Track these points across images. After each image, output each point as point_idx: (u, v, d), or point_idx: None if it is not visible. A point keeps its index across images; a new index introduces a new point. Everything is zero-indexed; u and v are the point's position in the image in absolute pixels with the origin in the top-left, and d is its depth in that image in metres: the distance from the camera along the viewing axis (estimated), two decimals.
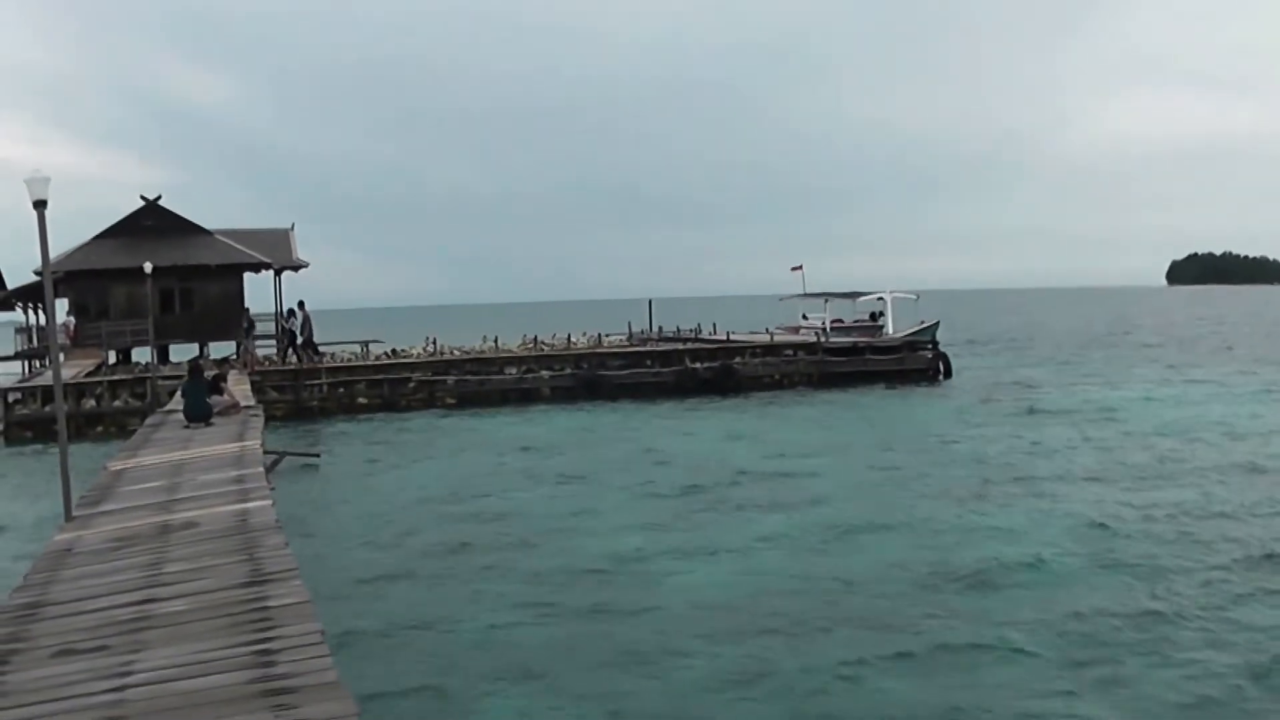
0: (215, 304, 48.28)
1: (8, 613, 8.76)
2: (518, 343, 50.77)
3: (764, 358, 47.42)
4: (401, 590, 16.46)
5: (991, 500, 21.74)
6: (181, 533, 11.48)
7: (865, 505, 21.67)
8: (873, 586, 15.80)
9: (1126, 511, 20.25)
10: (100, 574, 9.87)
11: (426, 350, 48.25)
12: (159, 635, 7.71)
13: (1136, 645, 12.92)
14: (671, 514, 21.49)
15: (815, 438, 31.58)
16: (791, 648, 13.19)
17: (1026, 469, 25.26)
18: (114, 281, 46.54)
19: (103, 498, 14.46)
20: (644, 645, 13.54)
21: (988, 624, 13.85)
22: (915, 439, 30.77)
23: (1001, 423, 34.06)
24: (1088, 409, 37.00)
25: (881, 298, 53.85)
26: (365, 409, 41.25)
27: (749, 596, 15.48)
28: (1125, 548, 17.58)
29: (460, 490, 24.88)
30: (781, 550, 18.22)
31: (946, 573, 16.28)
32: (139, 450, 19.61)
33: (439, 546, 19.26)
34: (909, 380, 47.30)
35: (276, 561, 9.65)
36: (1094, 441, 29.60)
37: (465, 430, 36.08)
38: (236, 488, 14.26)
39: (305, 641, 7.18)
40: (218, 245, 49.39)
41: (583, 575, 16.95)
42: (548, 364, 45.28)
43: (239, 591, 8.70)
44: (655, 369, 45.69)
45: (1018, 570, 16.30)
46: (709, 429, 34.35)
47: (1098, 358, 62.25)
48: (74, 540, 11.64)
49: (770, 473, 25.82)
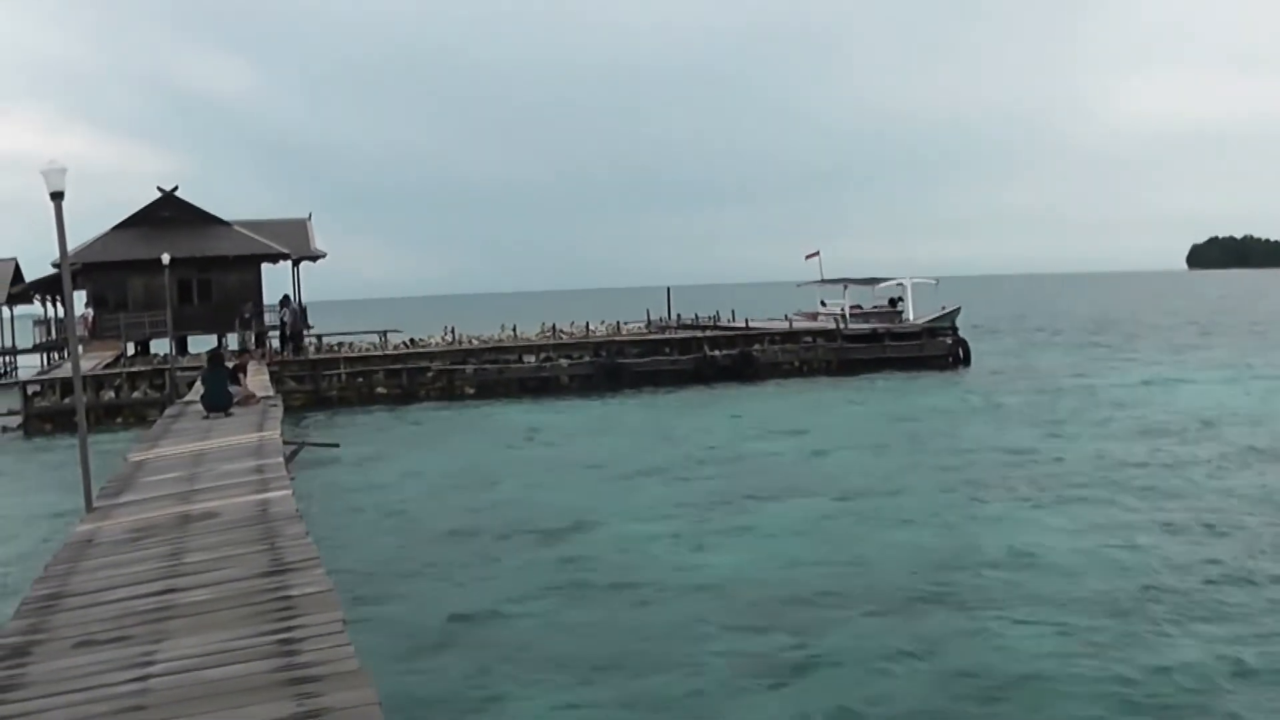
0: (233, 294, 48.37)
1: (30, 604, 8.74)
2: (536, 331, 50.78)
3: (783, 345, 47.30)
4: (423, 578, 16.42)
5: (1011, 491, 21.51)
6: (202, 523, 11.46)
7: (887, 494, 21.55)
8: (891, 576, 15.68)
9: (1143, 501, 20.09)
10: (121, 564, 9.86)
11: (445, 340, 48.34)
12: (181, 625, 7.67)
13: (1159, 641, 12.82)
14: (693, 502, 21.40)
15: (835, 425, 31.45)
16: (813, 636, 13.09)
17: (1046, 459, 24.96)
18: (132, 273, 46.69)
19: (123, 489, 14.45)
20: (665, 633, 13.49)
21: (1004, 613, 13.75)
22: (935, 427, 30.65)
23: (1021, 410, 33.86)
24: (1110, 395, 36.82)
25: (901, 283, 53.60)
26: (384, 399, 41.30)
27: (773, 585, 15.38)
28: (1141, 535, 17.47)
29: (480, 479, 24.85)
30: (801, 539, 18.12)
31: (963, 563, 16.16)
32: (159, 441, 19.61)
33: (460, 535, 19.23)
34: (929, 367, 47.11)
35: (297, 551, 9.62)
36: (1111, 429, 29.38)
37: (484, 419, 36.09)
38: (256, 477, 14.24)
39: (327, 630, 7.14)
40: (235, 236, 49.49)
41: (604, 564, 16.90)
42: (566, 352, 45.28)
43: (260, 581, 8.66)
44: (674, 357, 45.69)
45: (1033, 560, 16.14)
46: (729, 417, 34.23)
47: (1117, 342, 61.94)
48: (94, 531, 11.63)
49: (790, 461, 25.78)
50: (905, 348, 48.17)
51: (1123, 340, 63.89)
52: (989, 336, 65.32)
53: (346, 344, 48.29)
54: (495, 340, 48.06)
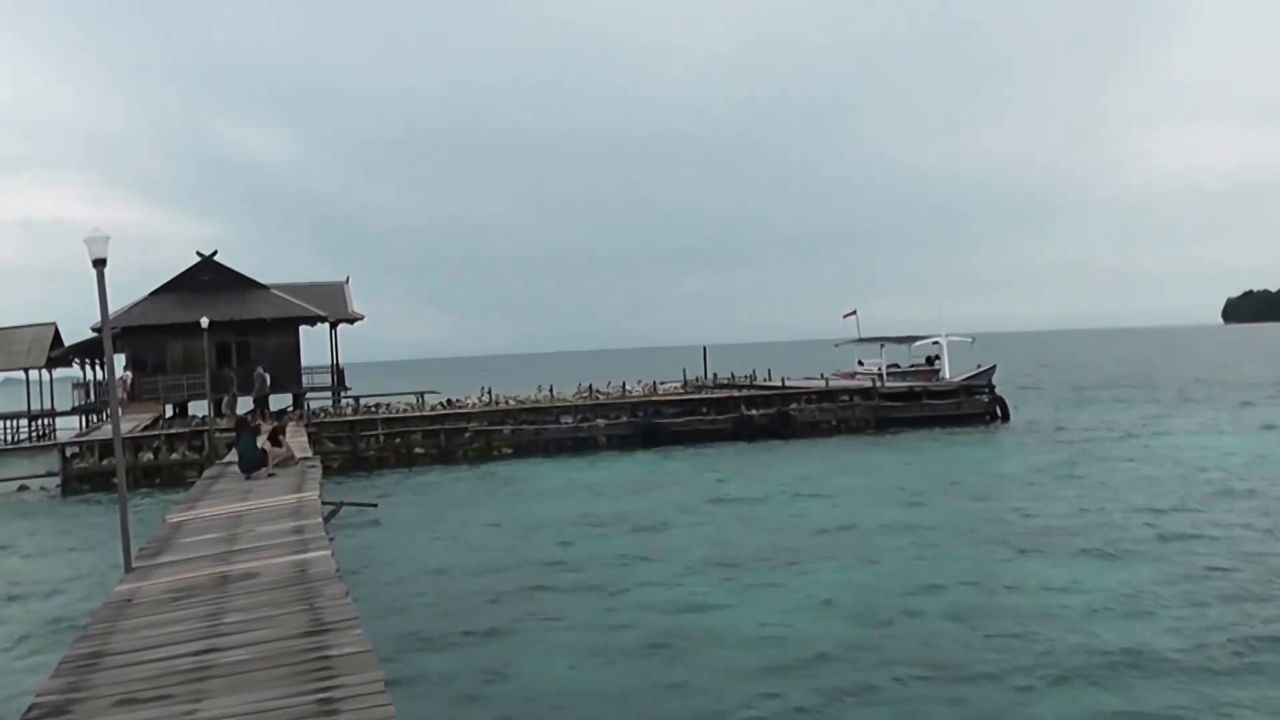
0: (272, 357, 48.68)
1: (69, 662, 8.68)
2: (573, 392, 50.71)
3: (820, 403, 47.11)
4: (462, 639, 16.30)
5: (1053, 552, 21.06)
6: (241, 583, 11.38)
7: (927, 555, 21.24)
8: (928, 637, 15.45)
9: (1188, 559, 19.75)
10: (161, 624, 9.79)
11: (482, 400, 48.37)
12: (221, 684, 7.60)
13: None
14: (733, 562, 21.18)
15: (873, 485, 31.15)
16: (854, 699, 12.90)
17: (1091, 518, 24.49)
18: (171, 336, 47.18)
19: (162, 549, 14.41)
20: (703, 693, 13.35)
21: (1047, 674, 13.52)
22: (978, 487, 30.15)
23: (1059, 469, 33.26)
24: (1148, 452, 36.35)
25: (937, 341, 53.35)
26: (422, 459, 41.29)
27: (812, 648, 15.14)
28: (1189, 596, 17.12)
29: (519, 539, 24.72)
30: (841, 600, 17.83)
31: (1003, 626, 15.86)
32: (198, 502, 19.61)
33: (500, 596, 19.09)
34: (967, 424, 46.76)
35: (337, 611, 9.53)
36: (1154, 486, 28.89)
37: (522, 480, 35.96)
38: (296, 538, 14.17)
39: (368, 690, 7.11)
40: (273, 299, 49.95)
41: (644, 626, 16.70)
42: (603, 412, 45.22)
43: (300, 641, 8.58)
44: (712, 416, 45.51)
45: (1077, 623, 15.85)
46: (767, 476, 33.95)
47: (1156, 398, 61.29)
48: (134, 591, 11.57)
49: (829, 521, 25.38)
50: (943, 406, 47.86)
51: (1162, 396, 63.16)
52: (1025, 393, 64.76)
53: (384, 405, 48.36)
54: (532, 401, 48.06)
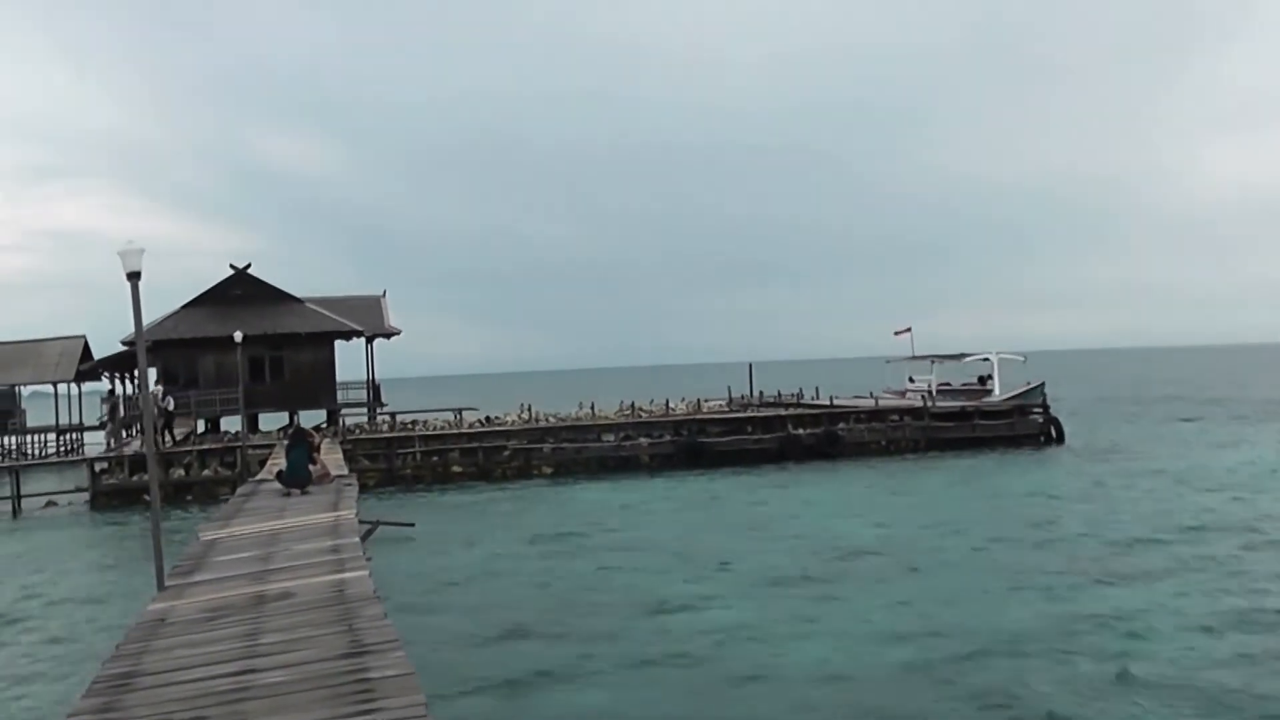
0: (306, 372, 48.38)
1: (101, 682, 8.44)
2: (614, 409, 49.98)
3: (869, 423, 46.19)
4: (502, 661, 15.96)
5: (1115, 579, 20.29)
6: (277, 603, 10.99)
7: (978, 581, 20.61)
8: (982, 665, 15.00)
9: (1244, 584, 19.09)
10: (196, 644, 9.45)
11: (521, 418, 47.65)
12: (258, 706, 7.36)
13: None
14: (777, 584, 20.79)
15: (923, 509, 30.29)
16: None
17: (1152, 545, 23.69)
18: (203, 350, 46.82)
19: (196, 567, 13.99)
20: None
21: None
22: (1034, 513, 28.99)
23: (1117, 494, 32.31)
24: (1207, 475, 35.42)
25: (988, 359, 52.47)
26: (459, 477, 40.77)
27: (859, 675, 14.82)
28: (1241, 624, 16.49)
29: (558, 560, 24.29)
30: (888, 628, 17.29)
31: (1058, 656, 15.32)
32: (231, 519, 19.15)
33: (539, 617, 18.71)
34: (1020, 445, 45.77)
35: (376, 633, 9.20)
36: (1215, 511, 28.03)
37: (562, 499, 35.40)
38: (332, 557, 13.73)
39: (410, 714, 6.88)
40: (308, 313, 49.51)
41: (684, 646, 16.39)
42: (646, 431, 44.49)
43: (340, 663, 8.25)
44: (757, 435, 44.64)
45: (1132, 656, 15.20)
46: (814, 499, 33.25)
47: (1217, 418, 60.14)
48: (168, 610, 11.17)
49: (877, 546, 24.69)
50: (996, 426, 46.88)
51: (1222, 414, 61.98)
52: (1081, 413, 63.70)
53: (421, 422, 47.82)
54: (573, 418, 47.40)
